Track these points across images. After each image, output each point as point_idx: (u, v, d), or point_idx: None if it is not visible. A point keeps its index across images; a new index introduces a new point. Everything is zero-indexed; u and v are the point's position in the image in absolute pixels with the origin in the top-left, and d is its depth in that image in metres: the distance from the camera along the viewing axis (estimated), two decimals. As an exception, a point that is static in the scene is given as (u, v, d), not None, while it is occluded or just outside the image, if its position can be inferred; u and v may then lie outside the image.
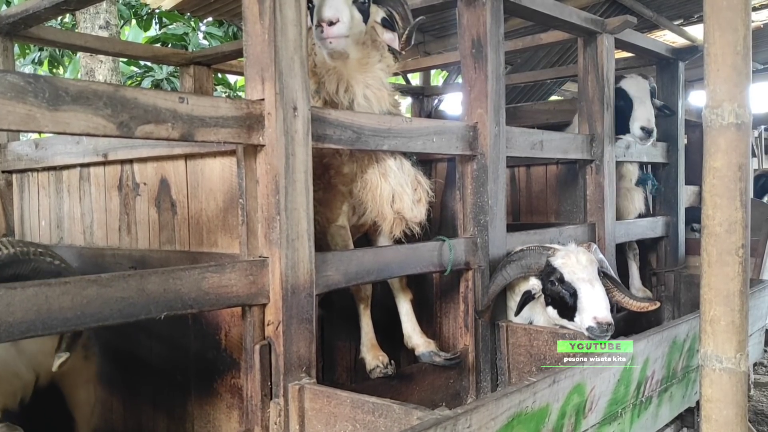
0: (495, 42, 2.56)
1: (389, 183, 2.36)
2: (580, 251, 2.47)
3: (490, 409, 1.68)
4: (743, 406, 1.72)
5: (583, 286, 2.39)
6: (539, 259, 2.49)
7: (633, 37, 3.44)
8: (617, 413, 2.27)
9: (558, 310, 2.47)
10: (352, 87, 2.32)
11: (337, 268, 2.05)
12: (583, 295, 2.37)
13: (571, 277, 2.42)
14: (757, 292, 3.41)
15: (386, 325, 2.66)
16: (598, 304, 2.35)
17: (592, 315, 2.33)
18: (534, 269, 2.51)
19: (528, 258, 2.52)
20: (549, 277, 2.46)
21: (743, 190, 1.69)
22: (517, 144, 2.75)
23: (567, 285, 2.41)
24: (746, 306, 1.70)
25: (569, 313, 2.42)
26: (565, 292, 2.41)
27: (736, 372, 1.71)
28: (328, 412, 1.76)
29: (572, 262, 2.44)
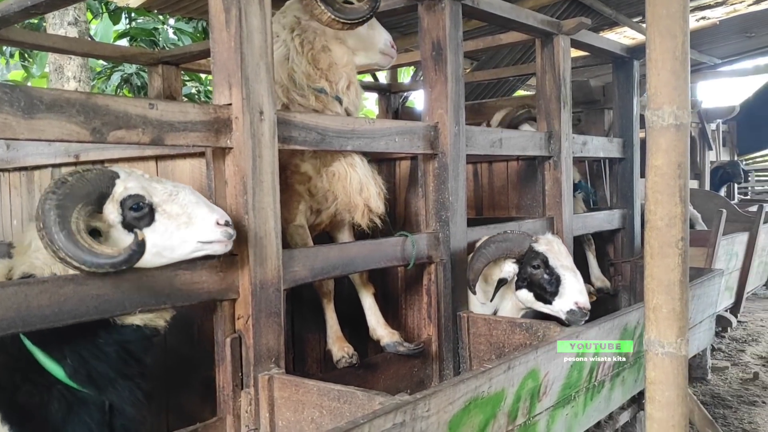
0: (454, 45, 2.67)
1: (357, 173, 2.48)
2: (559, 241, 2.67)
3: (448, 394, 1.79)
4: (684, 387, 1.85)
5: (566, 273, 2.59)
6: (522, 243, 2.65)
7: (588, 38, 3.58)
8: (571, 397, 2.40)
9: (535, 293, 2.64)
10: (353, 84, 2.54)
11: (304, 264, 2.15)
12: (566, 281, 2.57)
13: (555, 263, 2.61)
14: (707, 281, 3.58)
15: (355, 318, 2.77)
16: (581, 291, 2.56)
17: (574, 300, 2.52)
18: (515, 252, 2.67)
19: (510, 242, 2.67)
20: (531, 262, 2.63)
21: (682, 187, 1.81)
22: (477, 142, 2.87)
23: (551, 270, 2.60)
24: (686, 294, 1.82)
25: (548, 298, 2.60)
26: (548, 277, 2.60)
27: (677, 356, 1.83)
28: (296, 400, 1.86)
29: (555, 249, 2.63)
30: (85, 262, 1.53)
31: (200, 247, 1.74)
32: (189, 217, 1.71)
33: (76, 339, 1.68)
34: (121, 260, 1.57)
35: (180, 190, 1.75)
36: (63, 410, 1.70)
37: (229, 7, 1.90)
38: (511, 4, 3.09)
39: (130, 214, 1.68)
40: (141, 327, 1.77)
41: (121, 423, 1.79)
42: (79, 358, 1.69)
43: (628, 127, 4.04)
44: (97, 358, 1.71)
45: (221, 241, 1.74)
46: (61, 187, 1.56)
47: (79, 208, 1.57)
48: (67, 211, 1.54)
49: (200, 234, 1.72)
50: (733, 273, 5.43)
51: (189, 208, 1.72)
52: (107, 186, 1.67)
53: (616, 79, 4.06)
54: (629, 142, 4.02)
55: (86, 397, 1.72)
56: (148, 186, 1.72)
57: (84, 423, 1.72)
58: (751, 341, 7.16)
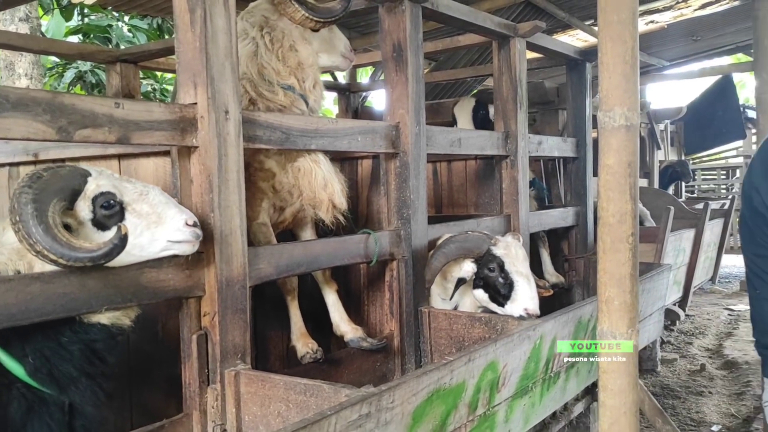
0: (414, 47, 2.73)
1: (322, 169, 2.53)
2: (518, 245, 2.74)
3: (412, 386, 1.84)
4: (634, 375, 1.94)
5: (520, 279, 2.67)
6: (481, 245, 2.73)
7: (543, 41, 3.69)
8: (528, 387, 2.48)
9: (489, 294, 2.72)
10: (318, 84, 2.60)
11: (269, 261, 2.18)
12: (518, 288, 2.66)
13: (510, 268, 2.69)
14: (656, 275, 3.72)
15: (318, 314, 2.81)
16: (532, 298, 2.65)
17: (524, 306, 2.62)
18: (474, 253, 2.74)
19: (470, 242, 2.74)
20: (488, 264, 2.71)
21: (632, 185, 1.89)
22: (437, 142, 2.94)
23: (506, 274, 2.68)
24: (636, 287, 1.91)
25: (501, 300, 2.69)
26: (502, 281, 2.68)
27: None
28: (263, 395, 1.90)
29: (512, 254, 2.70)
30: (63, 255, 1.54)
31: (169, 246, 1.77)
32: (159, 216, 1.74)
33: (38, 337, 1.68)
34: (101, 254, 1.59)
35: (150, 190, 1.77)
36: (23, 410, 1.69)
37: (194, 7, 1.92)
38: (469, 6, 3.16)
39: (100, 211, 1.69)
40: (107, 326, 1.78)
41: (81, 423, 1.79)
42: (41, 357, 1.69)
43: (581, 128, 4.16)
44: (60, 356, 1.71)
45: (189, 241, 1.78)
46: (36, 182, 1.57)
47: (54, 202, 1.58)
48: (44, 205, 1.55)
49: (170, 233, 1.74)
50: (680, 268, 5.63)
51: (159, 207, 1.74)
52: (80, 183, 1.68)
53: (570, 80, 4.18)
54: (582, 142, 4.15)
55: (47, 397, 1.71)
56: (118, 185, 1.73)
57: (44, 423, 1.72)
58: (699, 334, 7.43)
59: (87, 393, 1.76)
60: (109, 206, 1.70)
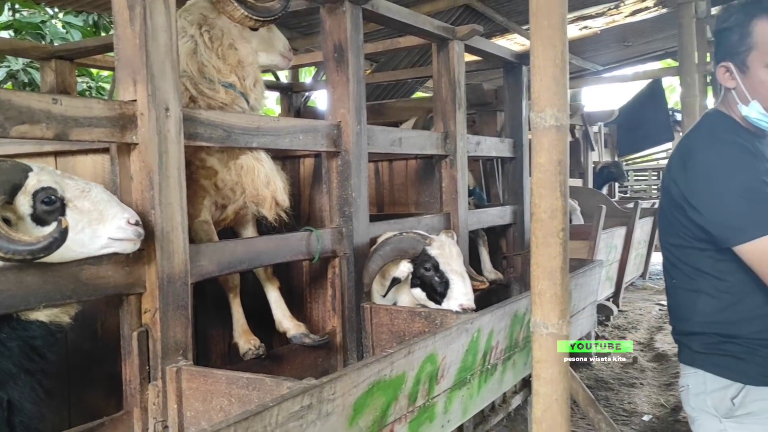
0: (355, 47, 2.78)
1: (264, 167, 2.55)
2: (452, 243, 2.81)
3: (353, 378, 1.89)
4: (565, 364, 2.03)
5: (454, 277, 2.75)
6: (416, 245, 2.79)
7: (481, 44, 3.79)
8: (466, 379, 2.56)
9: (427, 293, 2.79)
10: (259, 83, 2.62)
11: (211, 258, 2.19)
12: (454, 285, 2.74)
13: (445, 267, 2.76)
14: (589, 271, 3.87)
15: (261, 312, 2.82)
16: (466, 294, 2.73)
17: (460, 302, 2.69)
18: (410, 254, 2.80)
19: (405, 243, 2.80)
20: (424, 264, 2.77)
21: (562, 182, 1.96)
22: (378, 141, 2.99)
23: (441, 273, 2.75)
24: (566, 280, 1.99)
25: (438, 298, 2.76)
26: (438, 279, 2.75)
27: (559, 336, 2.00)
28: (205, 390, 1.91)
29: (446, 253, 2.77)
30: (1, 248, 1.53)
31: (110, 244, 1.77)
32: (100, 214, 1.74)
33: None
34: (41, 247, 1.58)
35: (92, 188, 1.77)
36: None
37: (133, 4, 1.92)
38: (409, 9, 3.23)
39: (41, 207, 1.68)
40: (45, 323, 1.76)
41: (20, 420, 1.77)
42: None
43: (517, 129, 4.29)
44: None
45: (131, 240, 1.79)
46: None
47: None
48: None
49: (111, 231, 1.75)
50: (612, 264, 5.86)
51: (101, 205, 1.75)
52: (20, 178, 1.67)
53: (507, 83, 4.30)
54: (519, 143, 4.28)
55: (-16, 394, 1.70)
56: (60, 181, 1.72)
57: None
58: (631, 328, 7.72)
59: (26, 390, 1.74)
60: (49, 202, 1.69)
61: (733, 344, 1.87)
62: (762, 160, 1.88)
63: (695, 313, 1.94)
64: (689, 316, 1.96)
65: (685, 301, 1.99)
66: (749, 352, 1.85)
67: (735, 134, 1.91)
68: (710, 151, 1.88)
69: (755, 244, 1.74)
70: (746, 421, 1.86)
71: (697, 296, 1.93)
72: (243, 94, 2.50)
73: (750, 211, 1.77)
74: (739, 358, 1.86)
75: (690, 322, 1.97)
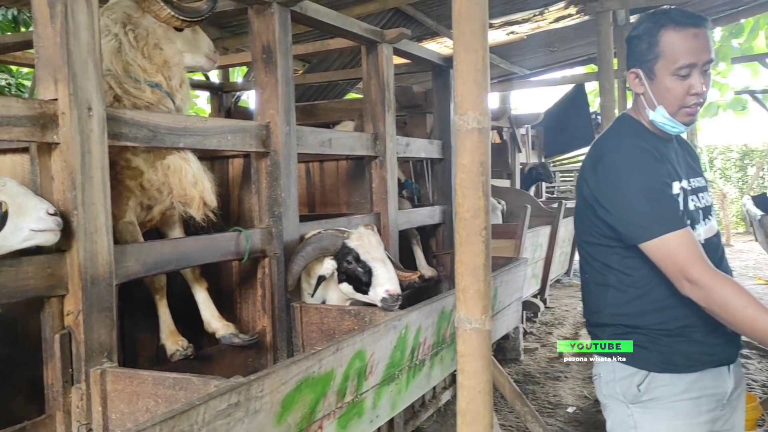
0: (284, 49, 2.80)
1: (192, 167, 2.54)
2: (370, 233, 2.85)
3: (281, 375, 1.91)
4: (488, 358, 2.09)
5: (376, 264, 2.77)
6: (335, 241, 2.82)
7: (409, 47, 3.87)
8: (395, 375, 2.62)
9: (354, 286, 2.81)
10: (185, 83, 2.60)
11: (137, 259, 2.17)
12: (377, 272, 2.75)
13: (366, 256, 2.78)
14: (514, 268, 4.01)
15: (189, 314, 2.80)
16: (390, 279, 2.75)
17: (385, 288, 2.71)
18: (331, 251, 2.82)
19: (325, 241, 2.82)
20: (345, 257, 2.80)
21: (485, 183, 2.03)
22: (308, 142, 3.02)
23: (362, 263, 2.77)
24: (489, 276, 2.05)
25: (364, 288, 2.78)
26: (361, 270, 2.77)
27: (482, 330, 2.06)
28: (131, 392, 1.90)
29: (366, 243, 2.80)
30: None
31: (32, 236, 1.76)
32: (19, 207, 1.72)
33: None
34: None
35: (6, 182, 1.75)
36: None
37: (53, 2, 1.89)
38: (338, 12, 3.27)
39: None
40: None
41: None
42: None
43: (446, 130, 4.39)
44: None
45: (52, 230, 1.78)
46: None
47: None
48: None
49: (32, 223, 1.74)
50: (538, 262, 6.05)
51: (18, 198, 1.73)
52: None
53: (435, 85, 4.40)
54: (447, 144, 4.38)
55: None
56: None
57: None
58: (558, 324, 7.99)
59: None
60: None
61: (638, 334, 1.99)
62: (665, 162, 2.02)
63: (605, 305, 2.06)
64: (600, 308, 2.08)
65: (596, 294, 2.11)
66: (652, 341, 1.98)
67: (641, 138, 2.03)
68: (617, 154, 2.00)
69: (657, 241, 1.86)
70: (650, 405, 1.99)
71: (606, 290, 2.05)
72: (169, 94, 2.49)
73: (652, 210, 1.90)
74: (644, 347, 1.99)
75: (600, 315, 2.08)
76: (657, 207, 1.90)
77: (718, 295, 1.78)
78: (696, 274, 1.81)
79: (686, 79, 1.95)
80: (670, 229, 1.86)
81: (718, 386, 2.01)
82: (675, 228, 1.86)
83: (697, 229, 2.01)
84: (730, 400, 2.05)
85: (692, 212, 2.02)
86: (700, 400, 1.98)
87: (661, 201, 1.91)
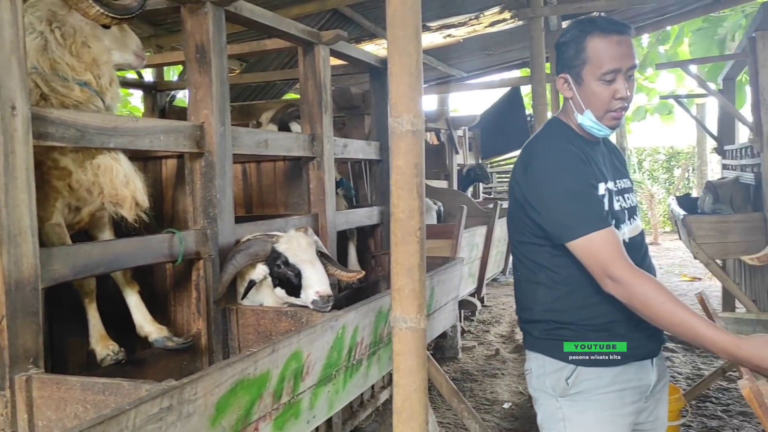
0: (218, 49, 2.77)
1: (123, 166, 2.48)
2: (300, 236, 2.83)
3: (215, 378, 1.90)
4: (423, 356, 2.12)
5: (305, 266, 2.76)
6: (265, 246, 2.79)
7: (346, 49, 3.89)
8: (332, 375, 2.63)
9: (286, 289, 2.80)
10: (114, 82, 2.54)
11: (65, 262, 2.11)
12: (306, 274, 2.74)
13: (294, 259, 2.77)
14: (450, 267, 4.07)
15: (122, 317, 2.74)
16: (319, 280, 2.74)
17: (315, 290, 2.71)
18: (261, 256, 2.80)
19: (254, 246, 2.80)
20: (275, 262, 2.78)
21: (419, 184, 2.06)
22: (244, 142, 2.99)
23: (292, 267, 2.76)
24: (423, 276, 2.08)
25: (296, 291, 2.77)
26: (291, 273, 2.76)
27: (417, 329, 2.09)
28: (58, 398, 1.85)
29: (294, 246, 2.79)
30: None
31: None
32: None
33: None
34: None
35: None
36: None
37: (-26, -2, 1.82)
38: (275, 12, 3.26)
39: None
40: None
41: None
42: None
43: (383, 132, 4.41)
44: None
45: None
46: None
47: None
48: None
49: None
50: (474, 261, 6.16)
51: None
52: None
53: (373, 87, 4.43)
54: (385, 145, 4.40)
55: None
56: None
57: None
58: (495, 322, 8.16)
59: None
60: None
61: (567, 330, 2.08)
62: (592, 164, 2.10)
63: (535, 303, 2.13)
64: (530, 305, 2.15)
65: (528, 292, 2.18)
66: (580, 336, 2.06)
67: (569, 141, 2.12)
68: (546, 156, 2.08)
69: (581, 240, 1.95)
70: (578, 398, 2.08)
71: (536, 287, 2.12)
72: (98, 93, 2.43)
73: (577, 211, 1.98)
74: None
75: (531, 311, 2.16)
76: (582, 207, 1.98)
77: (637, 291, 1.87)
78: (617, 272, 1.89)
79: (611, 84, 2.04)
80: (593, 228, 1.94)
81: (641, 379, 2.11)
82: (598, 228, 1.95)
83: (622, 228, 2.11)
84: (654, 393, 2.15)
85: (617, 212, 2.12)
86: (624, 392, 2.07)
87: (587, 202, 2.00)
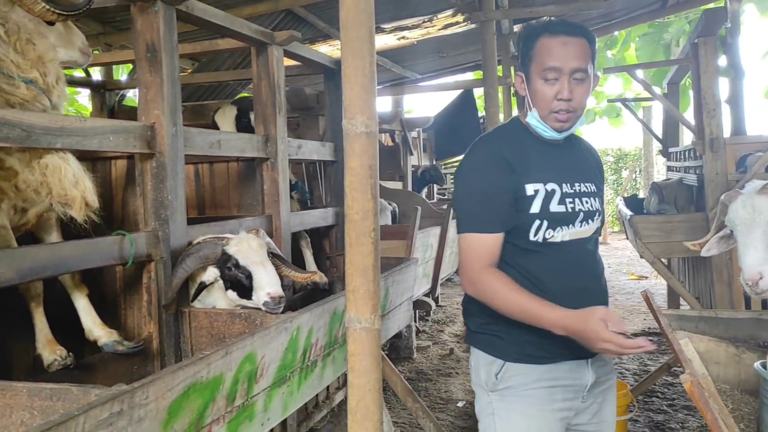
0: (169, 48, 2.73)
1: (72, 166, 2.42)
2: (251, 238, 2.81)
3: (167, 382, 1.87)
4: (377, 356, 2.13)
5: (256, 268, 2.74)
6: (215, 249, 2.76)
7: (300, 49, 3.87)
8: (286, 377, 2.62)
9: (238, 292, 2.78)
10: (61, 80, 2.49)
11: (9, 265, 2.05)
12: (257, 276, 2.72)
13: (245, 261, 2.74)
14: (405, 268, 4.10)
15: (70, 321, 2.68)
16: (270, 282, 2.72)
17: (266, 291, 2.69)
18: (212, 259, 2.77)
19: (204, 249, 2.77)
20: (226, 264, 2.75)
21: (373, 185, 2.08)
22: (196, 143, 2.96)
23: (242, 269, 2.74)
24: (378, 277, 2.09)
25: (247, 293, 2.75)
26: (242, 275, 2.74)
27: (371, 330, 2.10)
28: (3, 405, 1.80)
29: (245, 248, 2.77)
30: None
31: None
32: None
33: None
34: None
35: None
36: None
37: None
38: (228, 12, 3.23)
39: None
40: None
41: None
42: None
43: (338, 133, 4.40)
44: None
45: None
46: None
47: None
48: None
49: None
50: (429, 262, 6.20)
51: None
52: None
53: (327, 88, 4.42)
54: (340, 146, 4.40)
55: None
56: None
57: None
58: (449, 322, 8.24)
59: None
60: None
61: (497, 325, 2.15)
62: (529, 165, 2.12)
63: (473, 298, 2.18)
64: (470, 300, 2.23)
65: None
66: (507, 332, 2.13)
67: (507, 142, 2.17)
68: (470, 155, 2.20)
69: (462, 237, 2.10)
70: (506, 394, 2.13)
71: None
72: (45, 91, 2.37)
73: (475, 210, 2.10)
74: (500, 338, 2.14)
75: (470, 305, 2.24)
76: (481, 209, 2.09)
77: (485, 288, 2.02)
78: (470, 273, 2.05)
79: (554, 85, 2.09)
80: (476, 230, 2.07)
81: (575, 378, 2.15)
82: (480, 230, 2.07)
83: (563, 229, 2.13)
84: (594, 393, 2.19)
85: (558, 214, 2.13)
86: (554, 389, 2.12)
87: (488, 205, 2.09)
